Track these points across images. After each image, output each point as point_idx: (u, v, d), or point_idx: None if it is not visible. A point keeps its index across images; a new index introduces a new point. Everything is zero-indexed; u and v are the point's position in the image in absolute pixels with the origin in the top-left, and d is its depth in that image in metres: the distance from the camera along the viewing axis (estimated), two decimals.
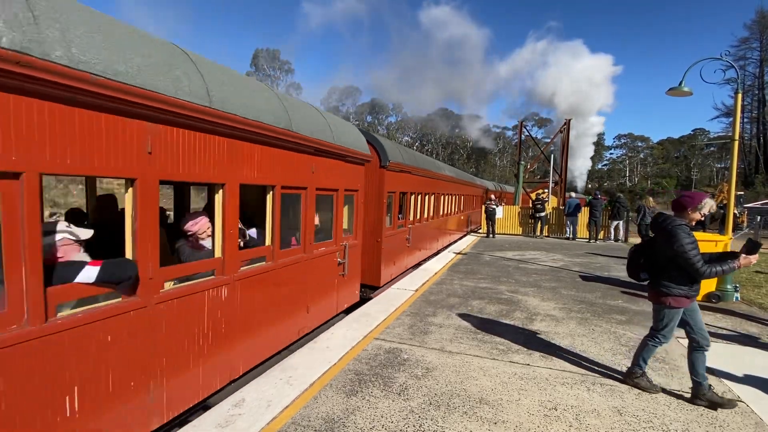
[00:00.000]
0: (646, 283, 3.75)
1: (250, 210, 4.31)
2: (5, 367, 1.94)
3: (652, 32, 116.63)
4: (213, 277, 3.31)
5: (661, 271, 3.54)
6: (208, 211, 3.64)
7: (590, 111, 58.58)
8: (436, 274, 8.81)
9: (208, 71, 3.14)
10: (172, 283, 3.00)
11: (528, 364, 4.25)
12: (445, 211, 12.91)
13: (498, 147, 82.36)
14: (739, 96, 7.31)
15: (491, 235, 16.68)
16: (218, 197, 3.35)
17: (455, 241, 14.94)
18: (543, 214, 17.16)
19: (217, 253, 3.34)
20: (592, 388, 3.78)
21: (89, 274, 2.34)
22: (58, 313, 2.21)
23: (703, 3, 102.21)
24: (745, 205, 33.23)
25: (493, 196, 17.88)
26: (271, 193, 3.97)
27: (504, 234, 17.84)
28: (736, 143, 7.34)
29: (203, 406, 3.30)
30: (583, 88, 61.43)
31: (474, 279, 8.40)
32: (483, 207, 17.33)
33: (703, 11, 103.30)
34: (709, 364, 4.38)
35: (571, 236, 16.48)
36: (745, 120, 58.82)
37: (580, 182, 54.22)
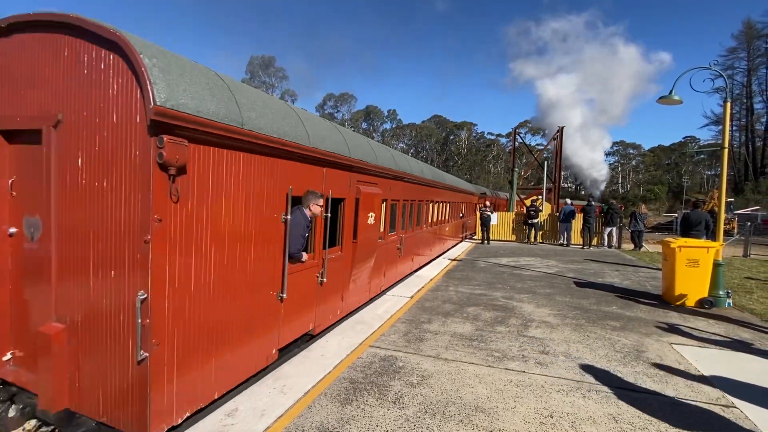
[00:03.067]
0: None
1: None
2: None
3: (647, 35, 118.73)
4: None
5: None
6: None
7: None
8: (431, 280, 8.80)
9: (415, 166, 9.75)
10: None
11: (523, 372, 4.24)
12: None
13: (492, 153, 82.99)
14: (728, 105, 7.41)
15: (486, 242, 16.73)
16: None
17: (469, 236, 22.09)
18: (537, 220, 17.27)
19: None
20: (588, 395, 3.77)
21: None
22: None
23: (699, 9, 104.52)
24: (736, 212, 33.68)
25: (488, 203, 17.98)
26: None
27: (498, 240, 17.91)
28: (726, 151, 7.44)
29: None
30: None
31: (469, 285, 8.40)
32: (478, 213, 17.43)
33: (702, 12, 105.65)
34: (703, 370, 4.42)
35: (565, 243, 16.56)
36: (734, 128, 59.81)
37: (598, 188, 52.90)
